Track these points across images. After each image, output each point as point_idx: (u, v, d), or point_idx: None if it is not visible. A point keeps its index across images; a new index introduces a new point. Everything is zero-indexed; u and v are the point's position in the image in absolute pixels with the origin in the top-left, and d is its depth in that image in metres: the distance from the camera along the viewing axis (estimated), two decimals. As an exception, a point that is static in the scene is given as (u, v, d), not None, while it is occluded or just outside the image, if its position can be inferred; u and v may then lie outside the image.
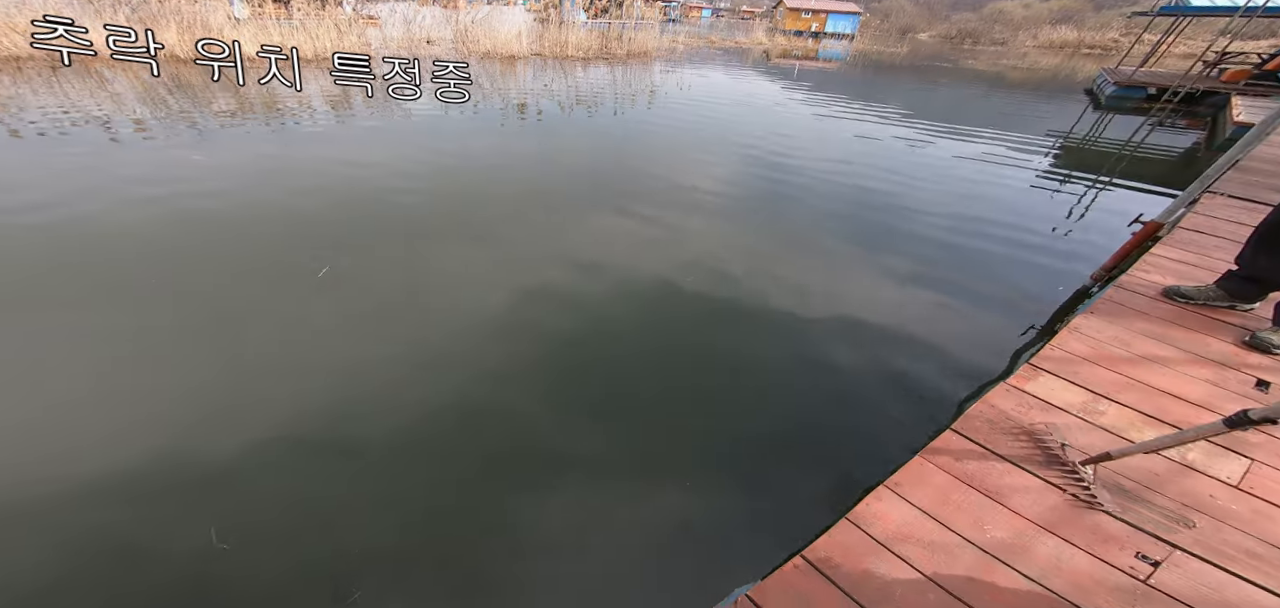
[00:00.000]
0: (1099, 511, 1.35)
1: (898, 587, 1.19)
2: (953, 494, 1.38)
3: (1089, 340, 1.98)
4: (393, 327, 2.56)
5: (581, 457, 1.90)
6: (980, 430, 1.56)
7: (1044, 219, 4.37)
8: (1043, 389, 1.73)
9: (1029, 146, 6.84)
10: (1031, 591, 1.18)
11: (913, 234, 3.95)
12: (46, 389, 2.08)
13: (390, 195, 4.12)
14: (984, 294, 3.16)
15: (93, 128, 5.47)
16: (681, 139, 6.59)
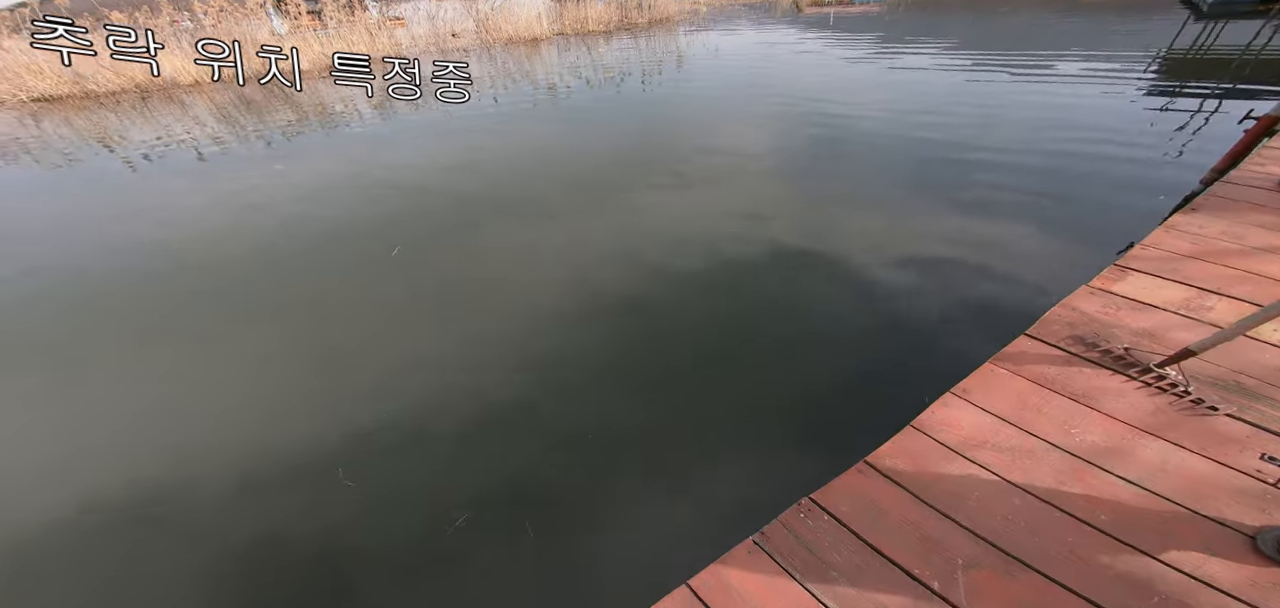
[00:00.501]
0: (1211, 413, 1.20)
1: (975, 490, 1.10)
2: (1031, 399, 1.27)
3: (1191, 237, 1.77)
4: (479, 304, 2.65)
5: (668, 401, 1.94)
6: (1059, 334, 1.42)
7: (1150, 135, 3.88)
8: (1133, 289, 1.56)
9: (1123, 67, 6.07)
10: (1135, 493, 1.07)
11: (984, 166, 3.63)
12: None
13: (450, 189, 4.14)
14: (1074, 217, 2.86)
15: (185, 150, 5.91)
16: (719, 103, 6.31)
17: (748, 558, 1.07)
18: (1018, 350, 1.42)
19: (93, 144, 6.58)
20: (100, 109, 8.87)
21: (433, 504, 1.61)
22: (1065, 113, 4.61)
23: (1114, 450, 1.15)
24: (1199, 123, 4.07)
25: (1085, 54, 6.78)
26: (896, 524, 1.08)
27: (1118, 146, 3.66)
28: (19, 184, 5.00)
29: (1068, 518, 1.05)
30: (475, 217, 3.56)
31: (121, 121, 7.87)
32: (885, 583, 1.00)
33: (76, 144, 6.58)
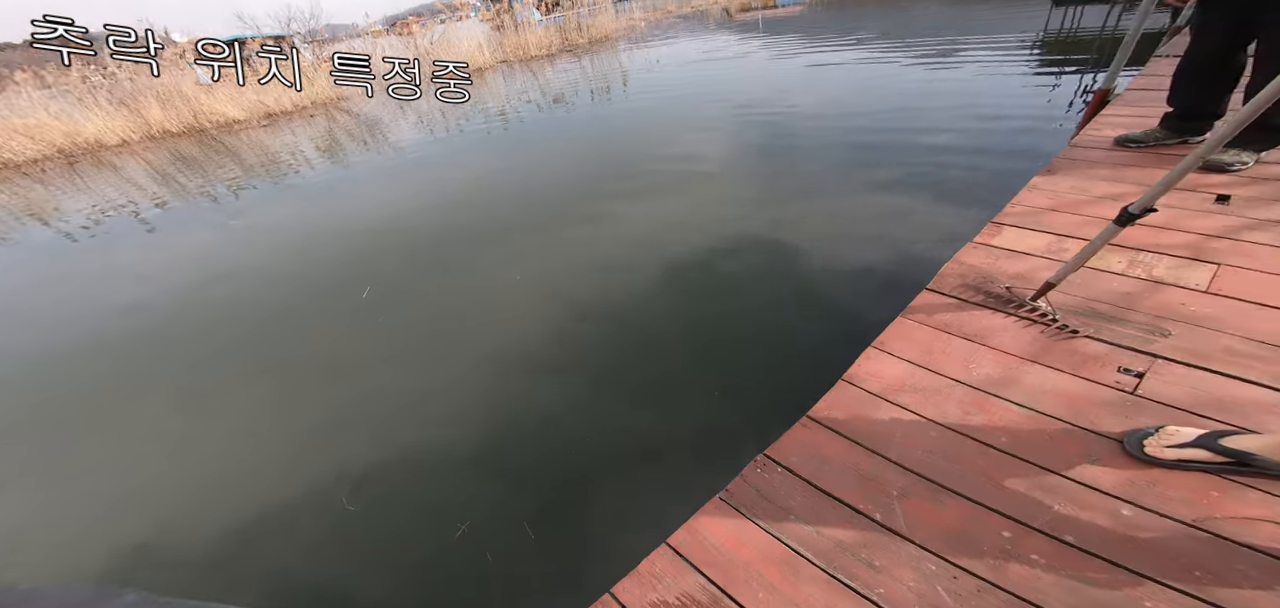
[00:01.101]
0: (1075, 336, 1.40)
1: (899, 430, 1.24)
2: (936, 344, 1.43)
3: (1048, 193, 2.02)
4: (457, 332, 2.66)
5: (640, 394, 2.05)
6: (954, 286, 1.61)
7: (1041, 109, 4.24)
8: (1008, 240, 1.78)
9: (1014, 51, 6.54)
10: (1025, 415, 1.23)
11: (898, 147, 3.90)
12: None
13: (414, 226, 4.00)
14: (972, 184, 3.15)
15: (124, 217, 5.50)
16: (664, 113, 6.38)
17: (716, 513, 1.15)
18: (922, 303, 1.58)
19: (24, 218, 6.07)
20: (24, 180, 8.12)
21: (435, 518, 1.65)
22: (967, 94, 5.02)
23: (1005, 380, 1.31)
24: (1080, 96, 4.50)
25: (984, 41, 7.27)
26: (838, 468, 1.20)
27: (1012, 121, 4.03)
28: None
29: (976, 444, 1.18)
30: (444, 250, 3.53)
31: (50, 192, 7.24)
32: (836, 520, 1.10)
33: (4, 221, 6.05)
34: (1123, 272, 1.57)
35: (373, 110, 10.16)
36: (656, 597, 1.03)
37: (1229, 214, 1.74)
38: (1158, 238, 1.69)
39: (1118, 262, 1.60)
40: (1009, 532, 1.00)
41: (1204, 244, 1.61)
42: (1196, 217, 1.75)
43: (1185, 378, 1.22)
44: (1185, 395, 1.19)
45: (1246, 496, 0.96)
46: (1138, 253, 1.63)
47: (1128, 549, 0.93)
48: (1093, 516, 1.00)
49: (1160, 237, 1.69)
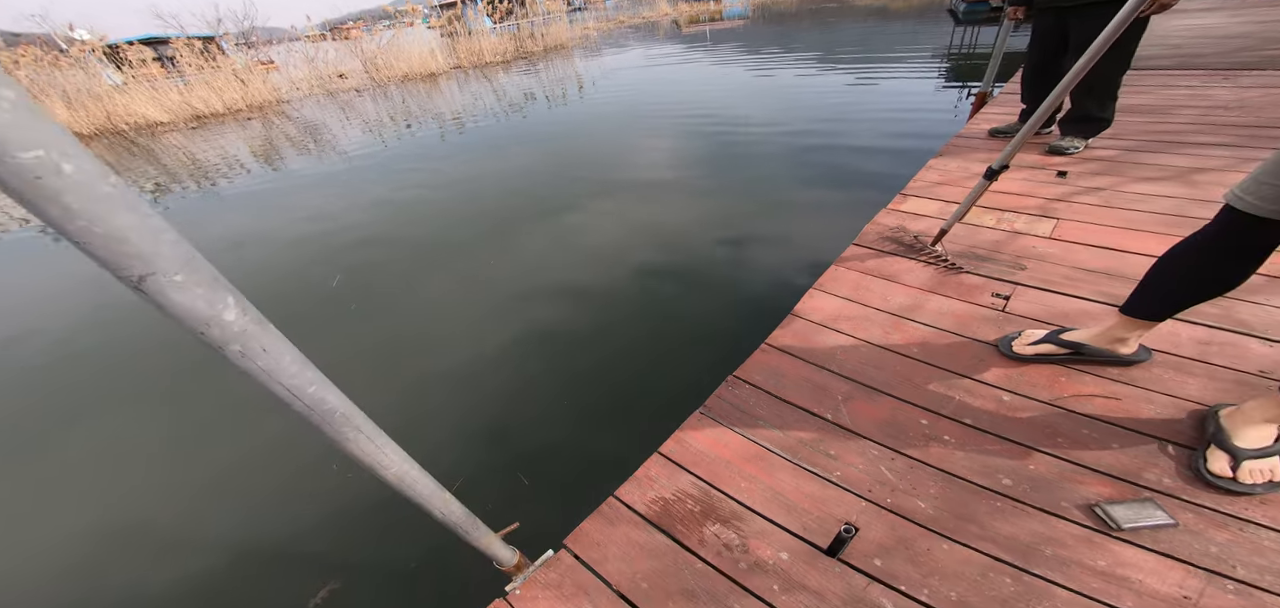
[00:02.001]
0: (961, 273, 1.69)
1: (839, 348, 1.45)
2: (863, 283, 1.67)
3: (940, 172, 2.38)
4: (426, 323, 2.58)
5: (634, 351, 2.17)
6: (874, 241, 1.88)
7: (947, 112, 4.70)
8: (912, 206, 2.10)
9: (926, 63, 7.06)
10: (929, 331, 1.48)
11: (830, 148, 4.22)
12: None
13: (371, 235, 3.65)
14: (891, 170, 3.48)
15: (28, 230, 4.72)
16: (619, 121, 6.34)
17: (698, 425, 1.30)
18: (850, 254, 1.83)
19: None
20: None
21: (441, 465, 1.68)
22: (883, 98, 5.50)
23: (913, 306, 1.56)
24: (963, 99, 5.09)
25: (899, 54, 7.85)
26: (794, 381, 1.38)
27: (919, 118, 4.53)
28: None
29: (896, 355, 1.41)
30: (394, 256, 3.34)
31: None
32: (796, 422, 1.27)
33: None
34: (993, 226, 1.90)
35: (313, 114, 9.42)
36: (655, 495, 1.16)
37: (1066, 185, 2.14)
38: (1017, 202, 2.05)
39: (989, 219, 1.94)
40: (926, 420, 1.22)
41: (1048, 205, 1.98)
42: (1044, 187, 2.14)
43: (1038, 298, 1.53)
44: (1039, 310, 1.49)
45: (1084, 379, 1.24)
46: (1003, 213, 1.97)
47: (1010, 425, 1.17)
48: (983, 403, 1.24)
49: (1019, 202, 2.05)
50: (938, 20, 11.10)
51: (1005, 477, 1.04)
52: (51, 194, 0.28)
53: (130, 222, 0.32)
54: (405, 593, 1.41)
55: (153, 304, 0.36)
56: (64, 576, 1.56)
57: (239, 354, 0.43)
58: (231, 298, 0.41)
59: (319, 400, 0.52)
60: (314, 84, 11.82)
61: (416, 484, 0.73)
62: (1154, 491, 0.98)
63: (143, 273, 0.34)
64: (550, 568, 1.02)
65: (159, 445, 1.99)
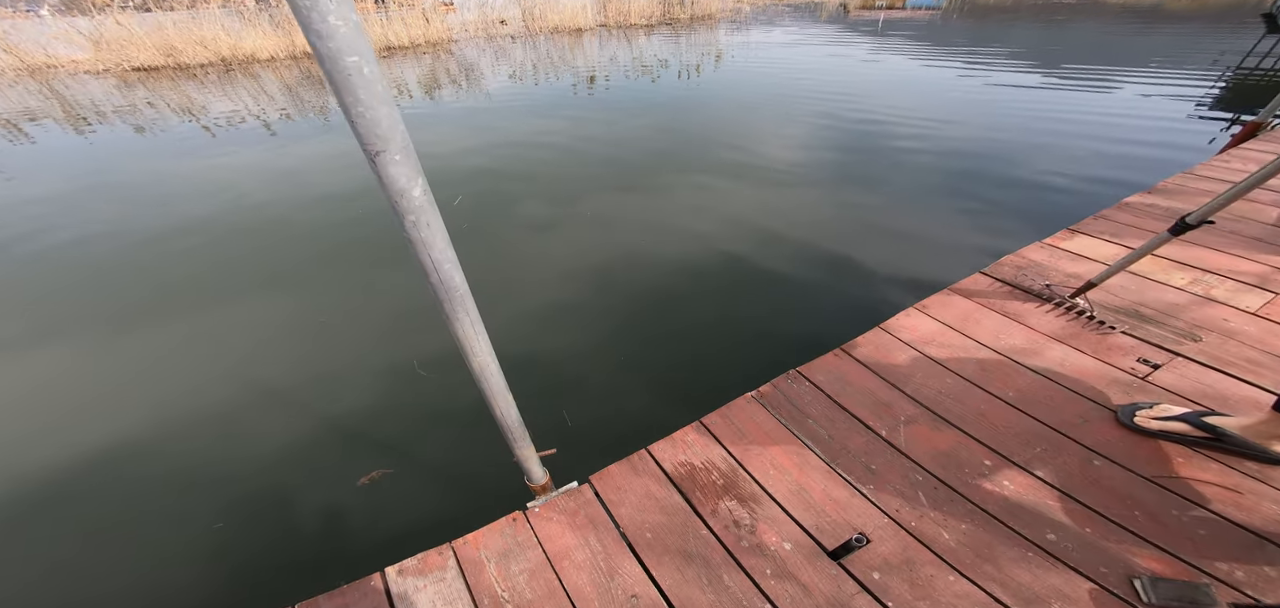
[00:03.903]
0: (1108, 330, 1.54)
1: (919, 371, 1.47)
2: (973, 314, 1.63)
3: (1137, 213, 2.08)
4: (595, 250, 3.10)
5: (715, 323, 2.37)
6: (1008, 273, 1.78)
7: (1192, 145, 3.91)
8: (1077, 246, 1.90)
9: (1187, 81, 5.81)
10: (1038, 380, 1.42)
11: (1007, 163, 3.81)
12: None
13: (480, 176, 4.39)
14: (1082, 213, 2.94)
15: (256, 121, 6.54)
16: (749, 100, 6.34)
17: (746, 407, 1.45)
18: (971, 283, 1.77)
19: (182, 114, 7.20)
20: (191, 81, 9.49)
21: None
22: (1113, 118, 4.72)
23: (1028, 350, 1.49)
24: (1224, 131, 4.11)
25: (1160, 66, 6.51)
26: (858, 390, 1.46)
27: (1149, 149, 3.84)
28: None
29: (984, 393, 1.40)
30: (515, 191, 3.89)
31: (204, 93, 8.44)
32: (846, 429, 1.36)
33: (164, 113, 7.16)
34: (1182, 286, 1.66)
35: (473, 55, 11.00)
36: (684, 458, 1.35)
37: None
38: (1226, 263, 1.75)
39: (1179, 278, 1.70)
40: (990, 461, 1.23)
41: (1270, 275, 1.66)
42: (1273, 254, 1.78)
43: (1198, 375, 1.37)
44: (1191, 388, 1.34)
45: (1207, 465, 1.12)
46: (1202, 273, 1.70)
47: (1088, 488, 1.13)
48: (1066, 461, 1.20)
49: (1228, 263, 1.75)
50: (1237, 27, 8.75)
51: (1052, 532, 1.03)
52: (354, 86, 0.54)
53: (385, 112, 0.58)
54: (442, 489, 1.72)
55: (376, 174, 0.64)
56: (192, 395, 2.16)
57: (412, 224, 0.69)
58: (421, 180, 0.67)
59: (450, 277, 0.78)
60: (479, 27, 13.75)
61: (493, 378, 0.97)
62: (1220, 581, 0.90)
63: (380, 149, 0.60)
64: (571, 497, 1.25)
65: (287, 317, 2.63)
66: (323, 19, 0.48)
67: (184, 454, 1.87)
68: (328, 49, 0.50)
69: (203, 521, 1.63)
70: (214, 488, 1.74)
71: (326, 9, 0.48)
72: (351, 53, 0.52)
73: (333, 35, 0.50)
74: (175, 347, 2.38)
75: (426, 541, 1.18)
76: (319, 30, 0.49)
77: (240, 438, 1.92)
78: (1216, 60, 6.65)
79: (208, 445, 1.90)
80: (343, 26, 0.50)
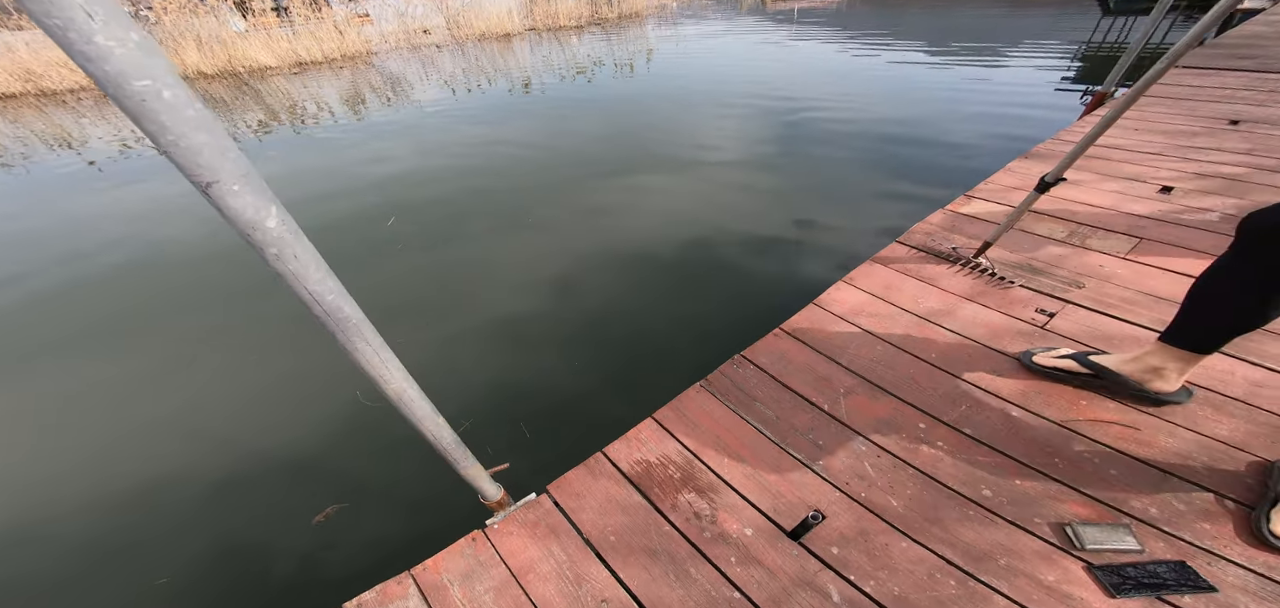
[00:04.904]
0: (1009, 285, 1.61)
1: (853, 342, 1.47)
2: (895, 281, 1.65)
3: (1020, 176, 2.22)
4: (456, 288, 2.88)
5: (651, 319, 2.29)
6: (919, 240, 1.82)
7: (1060, 113, 4.29)
8: (975, 209, 1.99)
9: (1050, 60, 6.34)
10: (955, 339, 1.45)
11: (918, 142, 3.94)
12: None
13: (414, 190, 4.03)
14: (979, 170, 3.13)
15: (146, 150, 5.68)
16: (689, 97, 6.19)
17: (696, 397, 1.39)
18: (890, 252, 1.80)
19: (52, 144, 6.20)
20: (58, 108, 8.20)
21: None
22: (996, 95, 5.05)
23: (944, 311, 1.53)
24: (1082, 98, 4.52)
25: (1026, 48, 7.12)
26: (799, 368, 1.43)
27: (1029, 121, 4.11)
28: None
29: (911, 356, 1.41)
30: (452, 202, 3.65)
31: (78, 121, 7.36)
32: (792, 407, 1.33)
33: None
34: (1063, 239, 1.78)
35: (397, 66, 10.24)
36: (640, 456, 1.27)
37: (1167, 203, 1.93)
38: (1099, 216, 1.89)
39: (1060, 231, 1.81)
40: (924, 423, 1.23)
41: (1137, 223, 1.81)
42: (1139, 202, 1.95)
43: (1087, 320, 1.45)
44: (1084, 332, 1.42)
45: (1106, 405, 1.18)
46: (1078, 226, 1.83)
47: (1010, 441, 1.16)
48: (988, 415, 1.22)
49: (1101, 216, 1.89)
50: (1084, 10, 9.75)
51: (987, 488, 1.04)
52: (153, 114, 0.42)
53: (205, 140, 0.46)
54: (400, 519, 1.58)
55: (215, 206, 0.50)
56: (115, 461, 1.86)
57: (275, 257, 0.57)
58: (274, 208, 0.55)
59: (336, 308, 0.66)
60: (401, 38, 12.79)
61: (413, 404, 0.84)
62: (1135, 519, 0.95)
63: (210, 181, 0.48)
64: (530, 509, 1.15)
65: (214, 357, 2.33)
66: (87, 40, 0.34)
67: (119, 509, 1.63)
68: (105, 74, 0.36)
69: (146, 576, 1.44)
70: (158, 543, 1.53)
71: (89, 29, 0.34)
72: (140, 76, 0.38)
73: (107, 58, 0.35)
74: (99, 400, 2.04)
75: (387, 572, 1.06)
76: (86, 53, 0.35)
77: (182, 486, 1.70)
78: (1072, 39, 7.36)
79: (146, 498, 1.66)
80: (118, 47, 0.35)
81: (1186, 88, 3.39)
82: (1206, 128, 2.67)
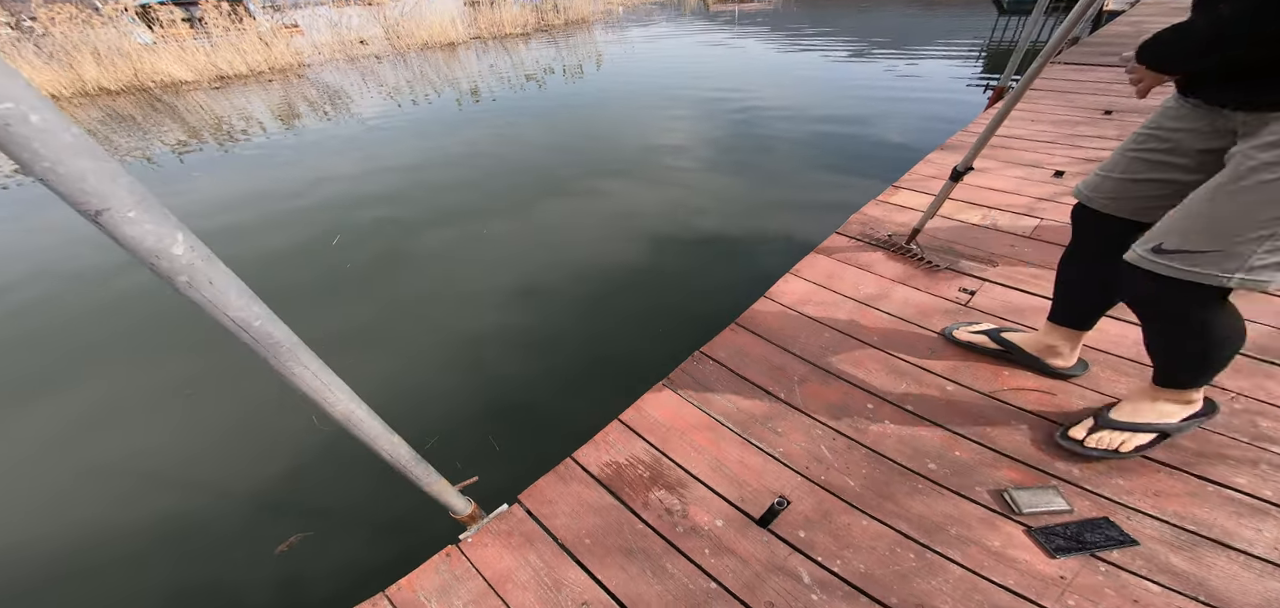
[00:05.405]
0: (935, 268, 1.72)
1: (803, 331, 1.51)
2: (836, 270, 1.72)
3: (937, 165, 2.38)
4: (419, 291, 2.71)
5: (611, 318, 2.26)
6: (856, 230, 1.91)
7: (969, 106, 4.62)
8: (901, 199, 2.11)
9: (959, 56, 6.81)
10: (892, 321, 1.53)
11: (851, 138, 4.13)
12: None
13: (360, 209, 3.73)
14: (902, 161, 3.20)
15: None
16: (639, 100, 6.17)
17: (659, 395, 1.38)
18: (830, 243, 1.88)
19: None
20: None
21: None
22: (916, 90, 5.34)
23: (881, 296, 1.60)
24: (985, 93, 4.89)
25: (937, 46, 7.60)
26: (755, 360, 1.45)
27: (945, 113, 4.41)
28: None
29: (856, 341, 1.47)
30: (403, 218, 3.45)
31: None
32: (751, 398, 1.34)
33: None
34: (977, 223, 1.91)
35: (333, 79, 9.58)
36: (609, 458, 1.25)
37: (1059, 185, 2.12)
38: (1005, 200, 2.06)
39: (975, 216, 1.95)
40: (872, 404, 1.28)
41: (1036, 204, 1.99)
42: (1036, 186, 2.13)
43: (1001, 295, 1.57)
44: (999, 307, 1.53)
45: (1025, 375, 1.29)
46: (989, 210, 1.98)
47: (948, 413, 1.23)
48: (927, 391, 1.29)
49: (1007, 199, 2.06)
50: (986, 11, 10.59)
51: (932, 461, 1.10)
52: (20, 140, 0.36)
53: (88, 165, 0.40)
54: (369, 542, 1.50)
55: (109, 236, 0.44)
56: (56, 501, 1.69)
57: (186, 285, 0.50)
58: (180, 234, 0.48)
59: (265, 333, 0.59)
60: (336, 49, 11.97)
61: (362, 423, 0.79)
62: (1061, 480, 1.03)
63: (99, 208, 0.41)
64: (502, 520, 1.11)
65: (159, 391, 2.14)
66: None
67: (65, 557, 1.49)
68: None
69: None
70: (112, 584, 1.41)
71: None
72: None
73: None
74: (34, 448, 1.78)
75: (359, 595, 1.00)
76: None
77: (128, 530, 1.55)
78: (977, 36, 7.95)
79: (95, 544, 1.52)
80: None
81: (1069, 82, 3.75)
82: (1087, 117, 2.96)
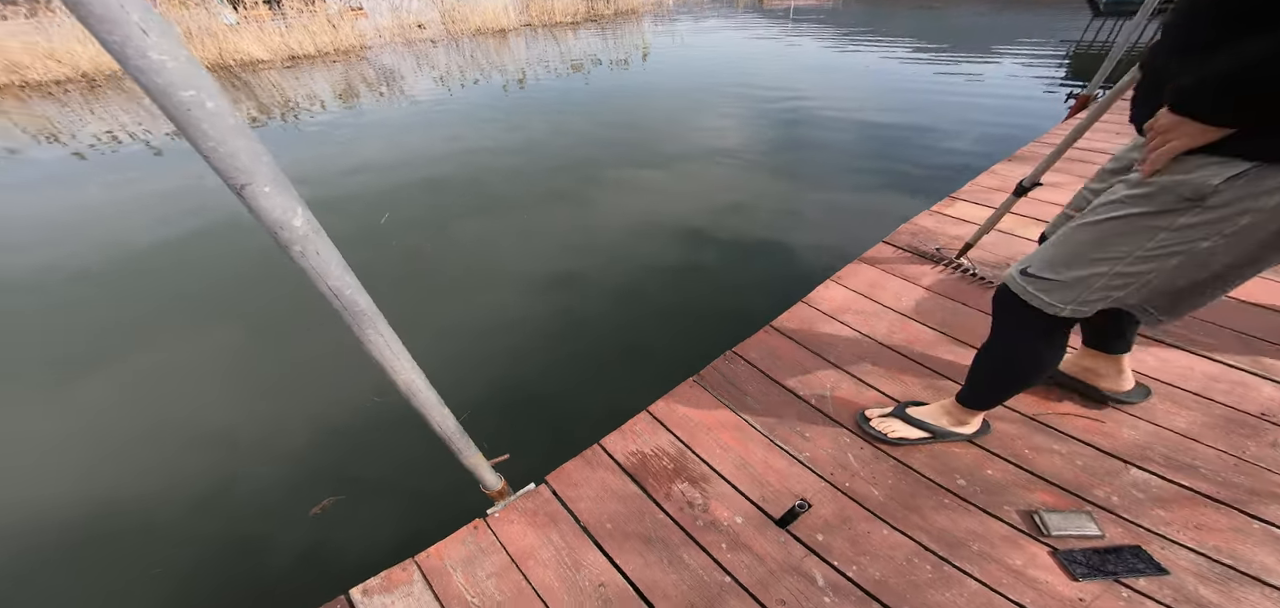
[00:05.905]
0: (988, 286, 1.66)
1: (839, 339, 1.51)
2: (880, 280, 1.70)
3: (1002, 177, 2.28)
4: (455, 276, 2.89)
5: (648, 310, 2.31)
6: (905, 240, 1.87)
7: (1049, 112, 4.36)
8: (959, 211, 2.04)
9: (1040, 59, 6.39)
10: (935, 334, 1.50)
11: (908, 143, 3.97)
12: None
13: (409, 188, 4.16)
14: (964, 169, 3.23)
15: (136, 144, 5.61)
16: (678, 92, 6.21)
17: (689, 391, 1.43)
18: (876, 252, 1.86)
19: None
20: (43, 100, 8.02)
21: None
22: (987, 94, 5.07)
23: (926, 310, 1.58)
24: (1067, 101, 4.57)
25: (1018, 46, 7.15)
26: (788, 364, 1.47)
27: (1017, 121, 4.17)
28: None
29: (893, 352, 1.46)
30: (448, 202, 3.59)
31: (64, 113, 7.22)
32: (780, 401, 1.37)
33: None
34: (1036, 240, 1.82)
35: (391, 60, 10.13)
36: (635, 448, 1.31)
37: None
38: (1077, 217, 1.94)
39: (1035, 233, 1.86)
40: (905, 415, 1.28)
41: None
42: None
43: (1064, 317, 1.50)
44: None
45: (1073, 398, 1.24)
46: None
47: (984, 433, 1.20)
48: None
49: (1079, 216, 1.94)
50: (1077, 11, 9.81)
51: (961, 477, 1.09)
52: (197, 122, 0.45)
53: (242, 145, 0.49)
54: (400, 508, 1.60)
55: (247, 207, 0.54)
56: (118, 454, 1.87)
57: (299, 253, 0.60)
58: (301, 208, 0.58)
59: (352, 301, 0.70)
60: (395, 32, 12.64)
61: (421, 393, 0.88)
62: (1097, 506, 1.00)
63: (245, 183, 0.51)
64: (529, 498, 1.19)
65: (223, 352, 2.34)
66: (142, 54, 0.37)
67: (114, 503, 1.65)
68: (156, 85, 0.39)
69: (139, 567, 1.47)
70: (152, 534, 1.56)
71: (144, 44, 0.37)
72: (186, 87, 0.41)
73: (158, 71, 0.38)
74: (101, 400, 2.04)
75: (390, 560, 1.09)
76: (139, 66, 0.38)
77: (179, 482, 1.72)
78: (1063, 40, 7.40)
79: (143, 493, 1.68)
80: (170, 61, 0.38)
81: (1164, 91, 3.45)
82: (1181, 131, 2.73)
